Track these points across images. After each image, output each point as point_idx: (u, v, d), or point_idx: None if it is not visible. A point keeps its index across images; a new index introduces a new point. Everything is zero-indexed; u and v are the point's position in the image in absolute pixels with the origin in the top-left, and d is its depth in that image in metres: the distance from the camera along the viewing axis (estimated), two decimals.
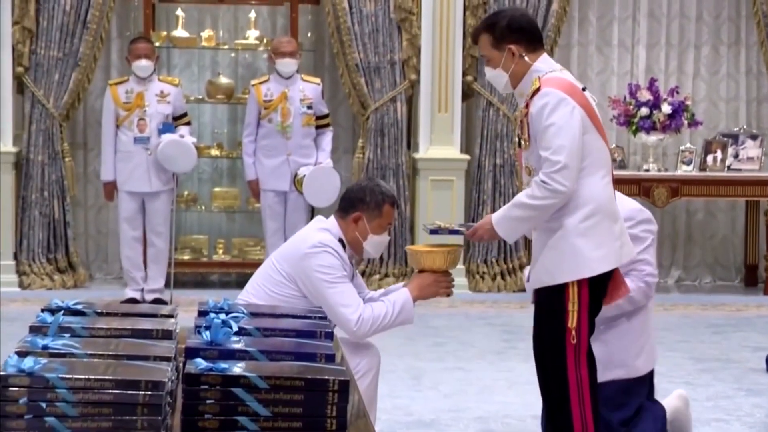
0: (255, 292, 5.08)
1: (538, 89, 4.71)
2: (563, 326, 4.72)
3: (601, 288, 4.80)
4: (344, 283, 4.97)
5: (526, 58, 4.79)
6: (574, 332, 4.72)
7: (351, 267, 5.15)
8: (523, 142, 4.79)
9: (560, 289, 4.72)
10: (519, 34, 4.81)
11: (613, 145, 9.60)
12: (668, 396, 5.70)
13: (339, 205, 5.22)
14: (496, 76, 4.87)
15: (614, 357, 5.39)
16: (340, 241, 5.06)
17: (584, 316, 4.74)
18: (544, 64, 4.82)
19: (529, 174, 4.78)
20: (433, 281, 5.17)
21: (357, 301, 4.97)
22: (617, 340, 5.45)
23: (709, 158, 10.09)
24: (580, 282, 4.70)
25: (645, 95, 9.96)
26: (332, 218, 5.16)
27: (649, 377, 5.53)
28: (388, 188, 5.29)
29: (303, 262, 4.97)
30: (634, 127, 9.84)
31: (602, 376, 5.16)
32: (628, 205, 5.48)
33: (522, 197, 4.74)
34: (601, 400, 5.13)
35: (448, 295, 5.34)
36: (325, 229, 5.10)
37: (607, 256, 4.75)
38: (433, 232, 5.13)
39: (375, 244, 5.15)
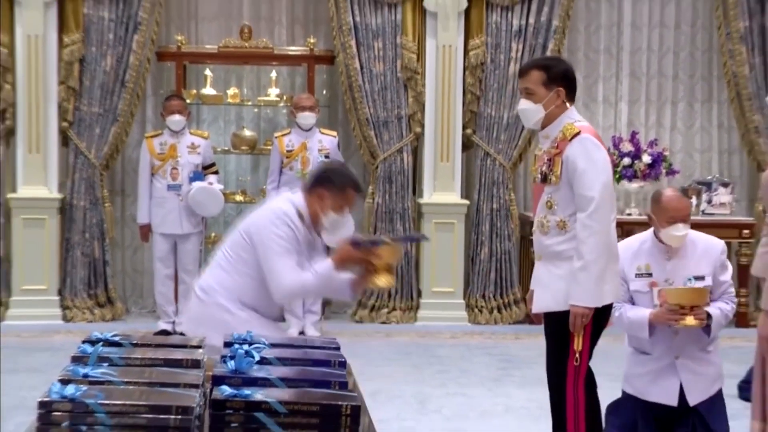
0: (221, 258, 5.05)
1: (577, 133, 4.71)
2: (568, 349, 4.71)
3: (603, 318, 4.79)
4: (288, 255, 4.90)
5: (567, 104, 4.81)
6: (577, 355, 4.71)
7: (312, 237, 5.09)
8: (554, 179, 4.76)
9: (568, 317, 4.72)
10: (568, 83, 4.84)
11: None
12: None
13: (309, 181, 5.17)
14: (534, 110, 4.84)
15: (716, 371, 5.72)
16: (299, 214, 5.00)
17: (587, 342, 4.74)
18: (574, 114, 4.86)
19: (550, 207, 4.77)
20: (354, 254, 5.02)
21: (291, 271, 4.88)
22: (716, 355, 5.74)
23: None
24: None
25: (627, 147, 9.98)
26: (299, 193, 5.11)
27: None
28: (354, 175, 5.26)
29: (263, 228, 4.95)
30: (617, 176, 9.83)
31: (711, 389, 5.66)
32: (716, 241, 5.77)
33: (576, 263, 4.70)
34: (711, 408, 5.62)
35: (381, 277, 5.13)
36: (290, 201, 5.06)
37: (612, 290, 4.77)
38: (355, 244, 5.05)
39: (333, 221, 5.06)
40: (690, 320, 5.45)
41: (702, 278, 5.63)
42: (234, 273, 5.02)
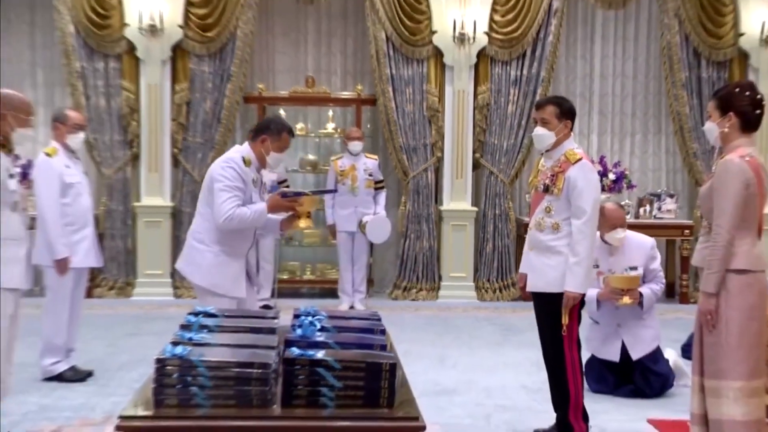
0: (198, 204, 4.98)
1: (579, 159, 4.68)
2: (559, 323, 4.68)
3: (582, 299, 4.76)
4: (232, 191, 4.80)
5: (571, 133, 4.79)
6: (565, 327, 4.67)
7: (259, 176, 5.00)
8: (555, 191, 4.71)
9: (558, 298, 4.68)
10: (572, 117, 4.82)
11: None
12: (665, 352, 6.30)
13: (253, 132, 5.06)
14: (548, 136, 4.77)
15: (654, 332, 5.99)
16: (244, 159, 4.89)
17: (575, 316, 4.71)
18: (573, 142, 4.82)
19: (548, 212, 4.73)
20: (282, 202, 4.99)
21: (234, 204, 4.81)
22: (653, 320, 6.01)
23: (641, 210, 10.01)
24: None
25: (596, 167, 9.89)
26: (246, 143, 5.02)
27: None
28: (286, 122, 5.12)
29: (214, 172, 4.87)
30: None
31: (650, 346, 5.93)
32: (647, 238, 6.02)
33: (572, 259, 4.64)
34: (653, 359, 5.89)
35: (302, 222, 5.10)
36: (237, 151, 4.96)
37: (591, 279, 4.79)
38: (284, 195, 5.02)
39: (274, 159, 4.98)
40: (626, 300, 5.81)
41: (635, 268, 5.93)
42: (204, 213, 4.95)
